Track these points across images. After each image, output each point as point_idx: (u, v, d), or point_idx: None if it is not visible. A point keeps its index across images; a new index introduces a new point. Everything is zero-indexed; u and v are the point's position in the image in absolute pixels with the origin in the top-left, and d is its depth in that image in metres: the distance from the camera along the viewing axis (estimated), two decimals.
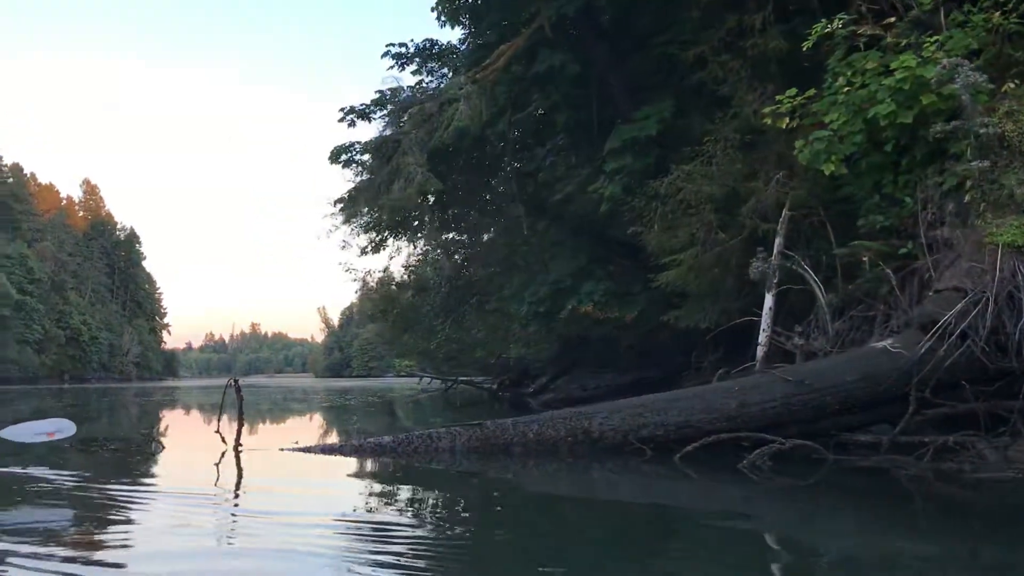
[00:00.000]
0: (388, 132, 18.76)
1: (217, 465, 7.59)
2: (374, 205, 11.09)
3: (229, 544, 4.45)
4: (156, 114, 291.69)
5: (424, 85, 19.03)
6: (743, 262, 11.92)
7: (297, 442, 8.47)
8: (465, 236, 19.97)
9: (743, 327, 12.68)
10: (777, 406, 7.62)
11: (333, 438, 11.93)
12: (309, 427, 15.31)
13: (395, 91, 18.97)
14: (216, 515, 5.32)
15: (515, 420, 8.17)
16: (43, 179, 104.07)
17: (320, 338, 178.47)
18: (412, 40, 21.70)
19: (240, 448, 8.12)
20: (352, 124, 18.81)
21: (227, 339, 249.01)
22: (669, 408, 7.81)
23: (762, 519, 5.47)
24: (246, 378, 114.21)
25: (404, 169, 10.39)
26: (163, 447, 8.80)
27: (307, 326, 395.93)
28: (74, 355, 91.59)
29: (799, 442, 7.13)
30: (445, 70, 22.06)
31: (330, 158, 19.61)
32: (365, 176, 18.44)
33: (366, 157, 19.15)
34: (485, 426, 8.02)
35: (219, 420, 8.71)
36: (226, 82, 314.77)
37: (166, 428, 15.22)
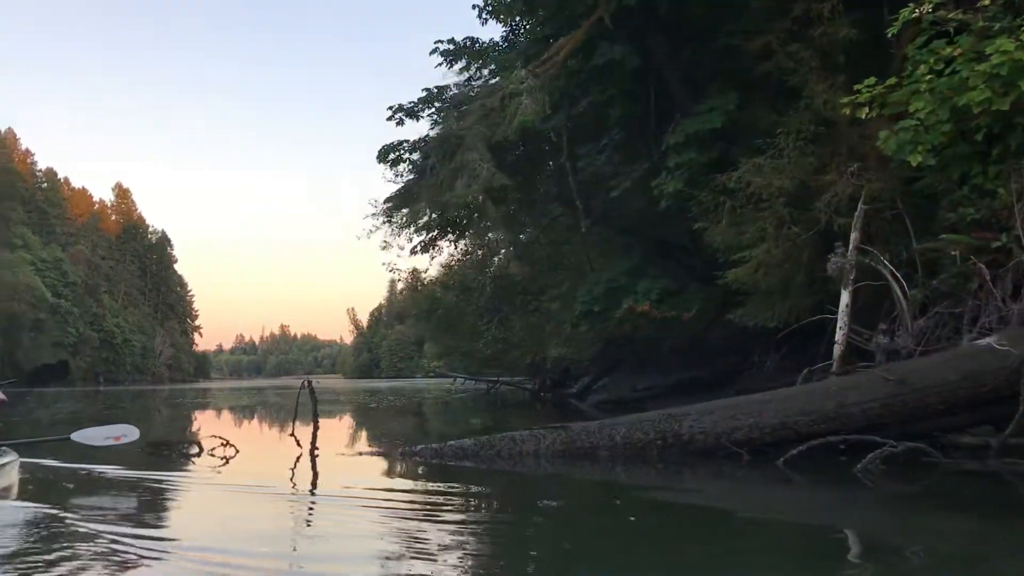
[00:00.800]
0: (436, 130, 18.60)
1: (293, 468, 7.41)
2: (436, 203, 10.81)
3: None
4: (185, 116, 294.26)
5: (472, 82, 18.84)
6: (814, 258, 11.58)
7: (370, 446, 8.25)
8: (510, 235, 19.66)
9: (805, 325, 12.36)
10: (877, 407, 7.26)
11: (394, 441, 11.68)
12: (364, 430, 15.09)
13: (442, 89, 18.79)
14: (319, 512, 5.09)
15: (601, 423, 7.89)
16: (76, 184, 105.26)
17: (349, 339, 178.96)
18: (451, 39, 21.77)
19: (316, 452, 7.90)
20: (400, 123, 18.68)
21: (257, 341, 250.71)
22: (764, 410, 7.47)
23: (880, 531, 5.06)
24: (276, 379, 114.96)
25: (469, 165, 10.14)
26: (237, 451, 8.59)
27: (336, 327, 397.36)
28: (108, 357, 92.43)
29: (912, 445, 6.77)
30: (486, 69, 21.94)
31: (378, 157, 19.46)
32: (413, 175, 18.28)
33: (415, 155, 19.02)
34: (570, 429, 7.74)
35: (294, 423, 8.50)
36: (256, 81, 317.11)
37: (234, 432, 15.08)
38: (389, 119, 17.79)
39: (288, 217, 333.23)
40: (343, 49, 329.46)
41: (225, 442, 8.61)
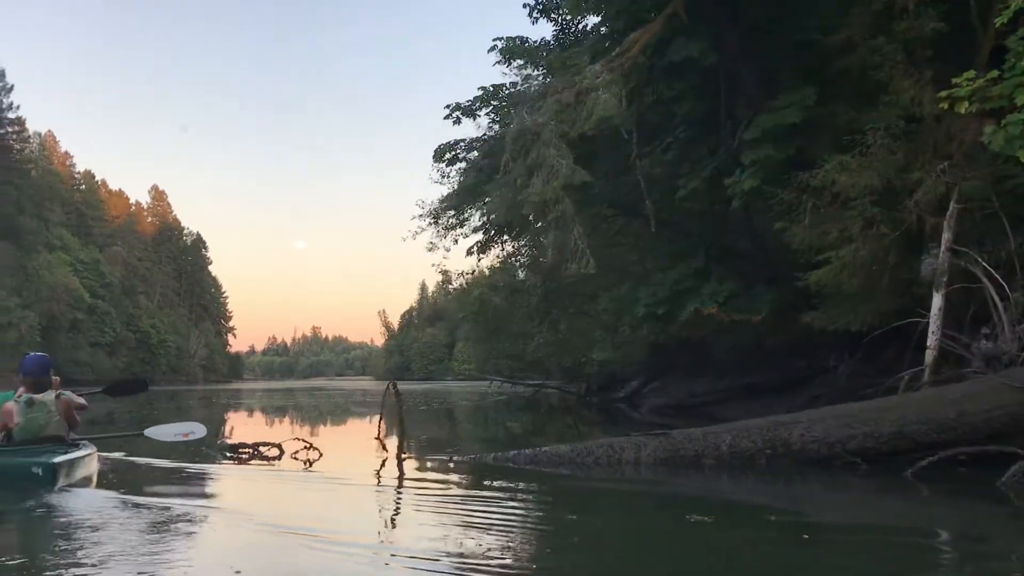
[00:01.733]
0: (493, 129, 18.34)
1: (378, 472, 7.15)
2: (509, 200, 10.52)
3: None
4: (219, 117, 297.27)
5: (530, 80, 18.58)
6: (900, 259, 11.16)
7: (452, 450, 7.97)
8: (581, 234, 19.32)
9: (878, 329, 11.92)
10: (1003, 415, 6.85)
11: (459, 447, 11.39)
12: (424, 434, 14.82)
13: (497, 88, 18.55)
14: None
15: (704, 430, 7.53)
16: (113, 186, 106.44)
17: (380, 341, 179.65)
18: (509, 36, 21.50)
19: (404, 457, 7.63)
20: (457, 121, 18.52)
21: (289, 342, 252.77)
22: (879, 418, 7.07)
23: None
24: (307, 381, 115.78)
25: (547, 161, 9.84)
26: (320, 454, 8.34)
27: (367, 329, 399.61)
28: (144, 357, 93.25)
29: None
30: (537, 68, 21.65)
31: (434, 157, 19.33)
32: (468, 174, 18.04)
33: (472, 155, 18.80)
34: (672, 436, 7.40)
35: (380, 426, 8.24)
36: (290, 85, 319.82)
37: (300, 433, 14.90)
38: (446, 118, 17.66)
39: (321, 219, 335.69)
40: (379, 50, 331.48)
41: (308, 445, 8.37)
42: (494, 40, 18.11)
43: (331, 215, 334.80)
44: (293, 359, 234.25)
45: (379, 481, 6.96)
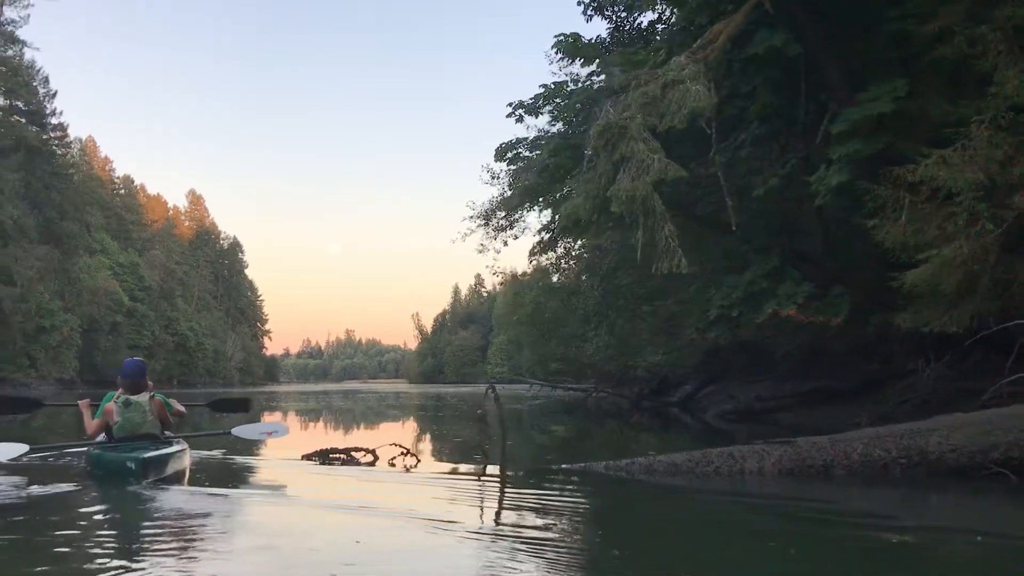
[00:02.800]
0: (557, 127, 17.96)
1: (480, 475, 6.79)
2: (593, 197, 10.15)
3: None
4: (255, 123, 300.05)
5: (593, 78, 18.16)
6: (1003, 257, 10.64)
7: (551, 459, 7.58)
8: (671, 232, 18.86)
9: (961, 332, 11.41)
10: None
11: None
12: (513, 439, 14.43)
13: (560, 85, 18.16)
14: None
15: (832, 438, 7.08)
16: (152, 190, 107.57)
17: (413, 344, 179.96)
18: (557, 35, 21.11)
19: (505, 463, 7.25)
20: (520, 119, 18.16)
21: (323, 345, 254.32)
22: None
23: None
24: (341, 384, 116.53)
25: (636, 156, 9.45)
26: (418, 460, 8.01)
27: (400, 332, 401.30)
28: (182, 360, 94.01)
29: None
30: (591, 66, 21.21)
31: (496, 155, 18.98)
32: (530, 174, 17.65)
33: (535, 153, 18.40)
34: (797, 444, 6.96)
35: (482, 432, 7.88)
36: (325, 90, 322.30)
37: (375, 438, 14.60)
38: (508, 116, 17.31)
39: (355, 223, 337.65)
40: (409, 55, 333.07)
41: (406, 451, 8.04)
42: (556, 36, 17.68)
43: (365, 219, 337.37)
44: (327, 362, 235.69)
45: (484, 486, 6.63)
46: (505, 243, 27.35)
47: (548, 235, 16.27)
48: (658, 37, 21.25)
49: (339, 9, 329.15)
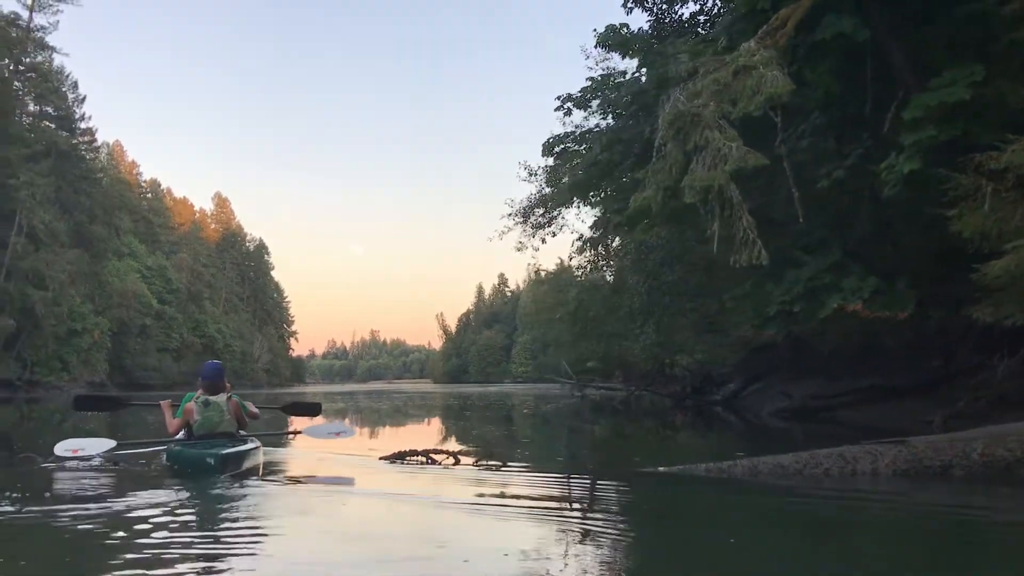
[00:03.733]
0: (605, 121, 17.61)
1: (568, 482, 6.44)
2: (666, 188, 9.78)
3: None
4: (278, 124, 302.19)
5: (640, 71, 17.79)
6: None
7: (638, 460, 7.24)
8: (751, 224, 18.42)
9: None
10: None
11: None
12: (576, 440, 14.11)
13: (606, 77, 17.83)
14: None
15: (950, 436, 6.74)
16: (178, 193, 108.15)
17: (437, 344, 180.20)
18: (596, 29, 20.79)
19: (590, 468, 6.94)
20: (568, 112, 17.86)
21: (348, 346, 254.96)
22: None
23: None
24: (366, 384, 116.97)
25: (712, 145, 9.10)
26: (502, 463, 7.70)
27: (425, 333, 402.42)
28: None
29: None
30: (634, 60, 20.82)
31: (543, 151, 18.68)
32: (578, 170, 17.29)
33: (578, 147, 18.06)
34: (912, 444, 6.60)
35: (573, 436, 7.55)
36: (351, 95, 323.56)
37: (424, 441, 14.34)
38: (557, 109, 17.03)
39: (376, 224, 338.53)
40: (424, 55, 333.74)
41: (488, 455, 7.74)
42: (605, 27, 17.34)
43: (386, 219, 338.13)
44: (352, 363, 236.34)
45: (572, 496, 6.32)
46: (543, 240, 27.10)
47: (598, 231, 15.89)
48: (700, 30, 20.87)
49: (359, 7, 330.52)
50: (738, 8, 12.24)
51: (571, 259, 32.50)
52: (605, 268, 22.28)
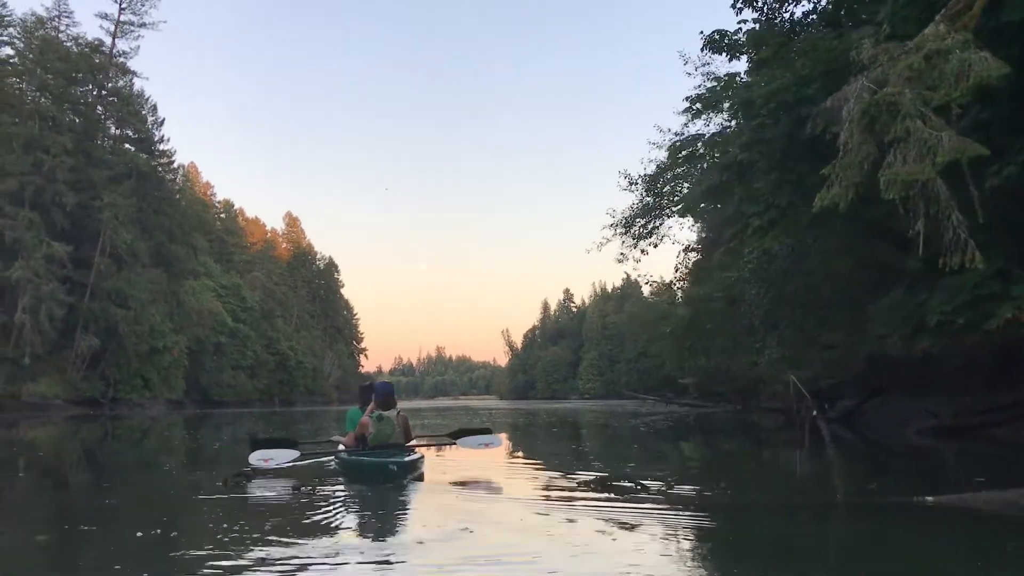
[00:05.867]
0: (731, 121, 16.64)
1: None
2: (857, 185, 8.81)
3: None
4: (345, 145, 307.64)
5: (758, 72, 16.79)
6: None
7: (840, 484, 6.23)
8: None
9: None
10: None
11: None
12: (670, 462, 13.17)
13: (731, 78, 16.88)
14: None
15: None
16: (250, 213, 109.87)
17: (502, 360, 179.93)
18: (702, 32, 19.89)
19: (842, 498, 5.97)
20: (697, 114, 16.97)
21: (414, 362, 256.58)
22: None
23: None
24: (433, 400, 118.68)
25: (914, 135, 8.11)
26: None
27: (490, 349, 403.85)
28: (282, 379, 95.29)
29: None
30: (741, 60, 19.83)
31: (670, 154, 17.82)
32: (711, 173, 16.31)
33: (705, 151, 17.11)
34: None
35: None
36: (417, 115, 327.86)
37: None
38: (685, 111, 16.15)
39: (441, 241, 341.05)
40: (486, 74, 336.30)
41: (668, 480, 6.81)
42: (712, 31, 16.47)
43: (449, 237, 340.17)
44: (419, 379, 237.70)
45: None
46: (644, 252, 26.16)
47: (732, 239, 14.86)
48: (812, 30, 19.85)
49: (426, 28, 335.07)
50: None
51: (676, 271, 31.48)
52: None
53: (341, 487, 8.18)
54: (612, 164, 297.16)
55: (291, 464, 9.51)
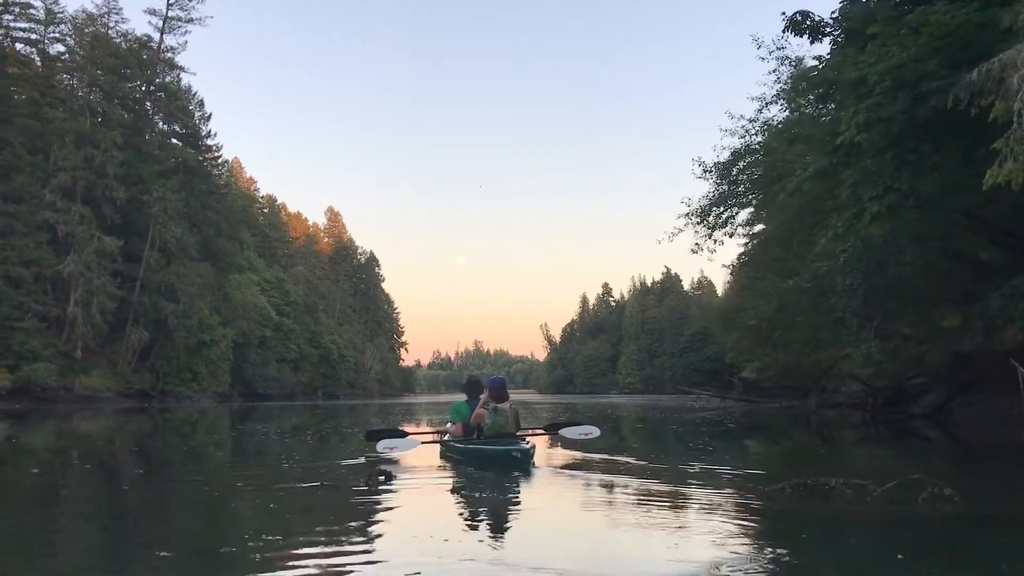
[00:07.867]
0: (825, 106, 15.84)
1: None
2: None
3: None
4: (385, 144, 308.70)
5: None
6: None
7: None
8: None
9: None
10: None
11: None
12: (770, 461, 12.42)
13: (811, 69, 16.06)
14: None
15: None
16: (292, 208, 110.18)
17: (540, 355, 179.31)
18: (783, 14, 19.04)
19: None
20: (802, 93, 16.20)
21: (452, 356, 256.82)
22: None
23: None
24: None
25: None
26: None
27: (528, 343, 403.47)
28: (325, 373, 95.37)
29: None
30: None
31: (775, 137, 17.06)
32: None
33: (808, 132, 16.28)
34: None
35: None
36: (458, 112, 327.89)
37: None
38: (791, 91, 15.36)
39: (479, 236, 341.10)
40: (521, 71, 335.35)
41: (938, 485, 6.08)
42: (794, 12, 15.65)
43: (487, 231, 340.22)
44: (457, 373, 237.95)
45: None
46: (719, 241, 25.38)
47: (843, 225, 13.95)
48: (927, 4, 19.01)
49: (467, 18, 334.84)
50: None
51: (739, 260, 30.49)
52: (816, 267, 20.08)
53: (449, 474, 8.95)
54: (651, 159, 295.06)
55: (410, 452, 10.34)
